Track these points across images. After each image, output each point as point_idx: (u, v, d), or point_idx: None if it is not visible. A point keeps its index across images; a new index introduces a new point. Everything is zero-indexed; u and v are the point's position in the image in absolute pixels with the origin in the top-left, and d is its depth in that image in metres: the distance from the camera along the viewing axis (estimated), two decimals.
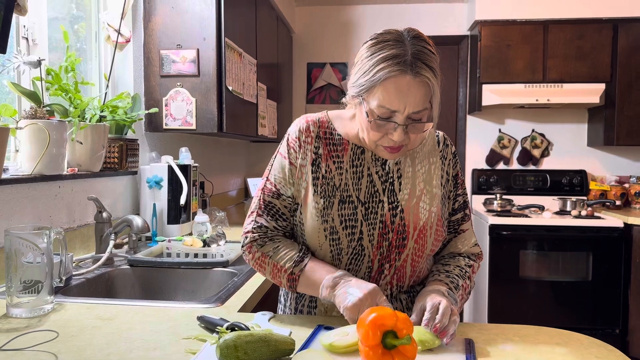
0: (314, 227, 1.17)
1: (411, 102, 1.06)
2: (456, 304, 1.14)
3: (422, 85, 1.06)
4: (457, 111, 4.29)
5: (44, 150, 1.65)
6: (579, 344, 1.07)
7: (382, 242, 1.17)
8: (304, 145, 1.21)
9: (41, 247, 1.22)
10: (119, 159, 2.15)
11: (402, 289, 1.22)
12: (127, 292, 1.77)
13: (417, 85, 1.06)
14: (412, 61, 1.05)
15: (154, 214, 2.23)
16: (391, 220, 1.17)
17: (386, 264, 1.18)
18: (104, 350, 1.00)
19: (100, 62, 2.35)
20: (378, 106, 1.08)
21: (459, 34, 4.21)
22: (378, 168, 1.20)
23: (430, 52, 1.08)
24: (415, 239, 1.18)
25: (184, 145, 2.66)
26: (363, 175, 1.19)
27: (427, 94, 1.08)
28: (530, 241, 3.55)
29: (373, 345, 0.88)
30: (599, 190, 4.03)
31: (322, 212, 1.17)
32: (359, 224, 1.17)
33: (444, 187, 1.24)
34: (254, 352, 0.92)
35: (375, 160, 1.21)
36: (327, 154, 1.20)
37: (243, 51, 2.70)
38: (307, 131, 1.22)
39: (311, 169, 1.20)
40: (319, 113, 1.27)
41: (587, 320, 3.51)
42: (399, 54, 1.05)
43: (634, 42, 3.74)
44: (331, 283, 1.11)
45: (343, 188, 1.18)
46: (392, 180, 1.20)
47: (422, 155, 1.24)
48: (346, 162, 1.20)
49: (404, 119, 1.08)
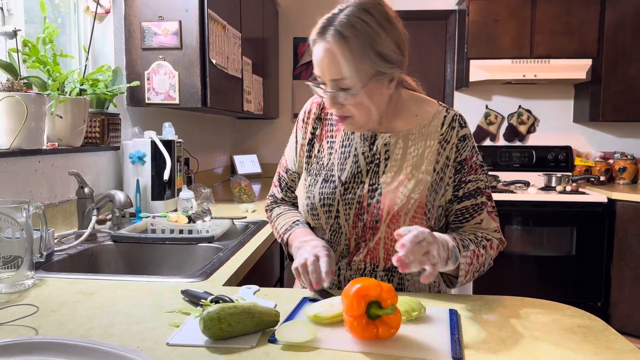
0: (301, 202, 1.27)
1: (325, 69, 1.07)
2: (455, 260, 1.07)
3: (329, 52, 1.05)
4: (445, 87, 4.27)
5: (21, 124, 1.61)
6: (562, 314, 1.08)
7: (357, 222, 1.18)
8: (304, 126, 1.27)
9: (20, 222, 1.19)
10: (101, 133, 2.10)
11: (378, 268, 1.20)
12: (110, 268, 1.75)
13: (327, 52, 1.05)
14: (328, 28, 1.05)
15: (137, 190, 2.20)
16: (368, 202, 1.17)
17: (362, 243, 1.19)
18: (86, 325, 0.99)
19: (80, 34, 2.29)
20: (314, 73, 1.12)
21: (447, 9, 4.17)
22: (365, 148, 1.20)
23: (356, 20, 1.04)
24: (388, 223, 1.15)
25: (168, 120, 2.62)
26: (350, 155, 1.20)
27: (337, 62, 1.05)
28: (516, 216, 3.58)
29: (357, 316, 0.88)
30: (583, 166, 4.06)
31: (307, 189, 1.23)
32: (335, 203, 1.18)
33: (438, 174, 1.16)
34: (237, 324, 0.91)
35: (364, 140, 1.20)
36: (324, 134, 1.25)
37: (227, 24, 2.64)
38: (309, 113, 1.28)
39: (306, 148, 1.26)
40: None
41: (570, 293, 3.58)
42: (324, 20, 1.07)
43: (621, 18, 3.74)
44: (297, 245, 1.19)
45: (329, 167, 1.21)
46: (378, 161, 1.18)
47: (418, 137, 1.18)
48: (337, 142, 1.23)
49: (328, 87, 1.09)
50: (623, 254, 3.48)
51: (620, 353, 0.89)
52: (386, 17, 1.07)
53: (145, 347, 0.89)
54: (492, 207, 1.21)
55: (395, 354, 0.86)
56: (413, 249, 0.96)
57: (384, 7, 1.08)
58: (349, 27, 1.04)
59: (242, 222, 2.17)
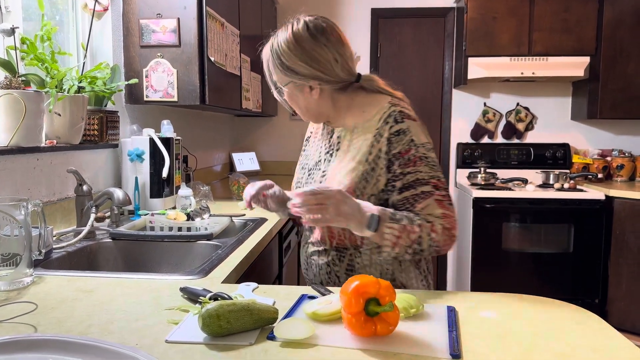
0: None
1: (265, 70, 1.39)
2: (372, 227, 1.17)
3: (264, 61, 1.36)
4: (443, 85, 4.27)
5: (20, 122, 1.60)
6: (560, 311, 1.08)
7: None
8: (308, 130, 1.56)
9: (18, 219, 1.19)
10: (99, 131, 2.10)
11: (327, 246, 1.36)
12: (109, 265, 1.75)
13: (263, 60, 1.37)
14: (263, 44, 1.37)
15: (136, 188, 2.20)
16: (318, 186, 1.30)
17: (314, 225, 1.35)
18: (85, 322, 0.99)
19: (78, 31, 2.28)
20: None
21: (446, 6, 4.17)
22: (326, 142, 1.42)
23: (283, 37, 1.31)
24: None
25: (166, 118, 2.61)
26: (316, 147, 1.45)
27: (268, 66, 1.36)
28: (513, 214, 3.59)
29: (356, 313, 0.88)
30: (581, 164, 4.07)
31: (294, 175, 1.51)
32: (302, 186, 1.43)
33: (370, 164, 1.27)
34: (236, 321, 0.91)
35: (327, 134, 1.42)
36: (313, 133, 1.51)
37: (225, 21, 2.64)
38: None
39: (303, 146, 1.54)
40: None
41: (568, 290, 3.59)
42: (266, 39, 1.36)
43: (619, 16, 3.74)
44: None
45: (304, 157, 1.49)
46: (332, 152, 1.38)
47: (361, 131, 1.32)
48: (317, 139, 1.47)
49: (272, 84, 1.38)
50: (620, 251, 3.49)
51: (617, 350, 0.89)
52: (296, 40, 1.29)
53: (144, 344, 0.89)
54: (442, 196, 1.25)
55: (393, 351, 0.87)
56: (306, 199, 1.14)
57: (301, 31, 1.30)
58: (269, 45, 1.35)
59: (240, 220, 2.17)
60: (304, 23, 1.30)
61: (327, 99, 1.34)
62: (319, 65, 1.28)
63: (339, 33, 1.33)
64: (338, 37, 1.32)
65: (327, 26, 1.31)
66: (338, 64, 1.30)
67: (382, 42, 4.25)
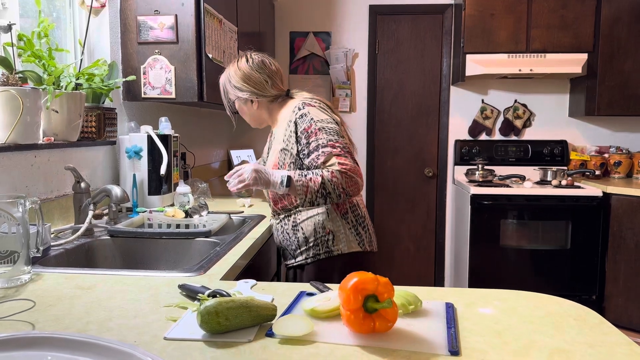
0: None
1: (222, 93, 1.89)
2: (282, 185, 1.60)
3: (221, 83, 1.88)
4: (441, 82, 4.27)
5: (17, 119, 1.60)
6: (558, 307, 1.08)
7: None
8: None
9: (16, 217, 1.19)
10: (97, 128, 2.10)
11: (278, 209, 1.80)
12: (107, 262, 1.75)
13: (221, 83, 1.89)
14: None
15: (134, 185, 2.20)
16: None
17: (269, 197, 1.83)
18: (83, 319, 0.99)
19: (75, 28, 2.27)
20: None
21: (443, 3, 4.17)
22: (270, 139, 1.90)
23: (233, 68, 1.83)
24: None
25: (164, 115, 2.61)
26: (267, 145, 1.93)
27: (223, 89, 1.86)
28: (511, 210, 3.60)
29: (354, 309, 0.89)
30: (579, 160, 4.08)
31: None
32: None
33: (285, 142, 1.73)
34: (235, 318, 0.91)
35: (270, 135, 1.90)
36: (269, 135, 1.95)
37: (223, 18, 2.63)
38: None
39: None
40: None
41: (565, 287, 3.60)
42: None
43: (617, 13, 3.74)
44: None
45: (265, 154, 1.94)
46: (270, 145, 1.88)
47: (282, 124, 1.79)
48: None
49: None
50: (618, 247, 3.50)
51: (614, 346, 0.90)
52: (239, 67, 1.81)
53: (142, 342, 0.89)
54: (340, 151, 1.64)
55: (392, 348, 0.87)
56: (232, 175, 1.63)
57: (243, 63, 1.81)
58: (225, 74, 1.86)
59: (239, 217, 2.17)
60: (246, 57, 1.81)
61: (264, 109, 1.84)
62: (255, 85, 1.79)
63: (272, 63, 1.83)
64: (269, 66, 1.81)
65: (263, 59, 1.81)
66: (268, 84, 1.80)
67: (380, 38, 4.24)
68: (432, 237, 4.37)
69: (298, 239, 1.75)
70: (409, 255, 4.40)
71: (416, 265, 4.40)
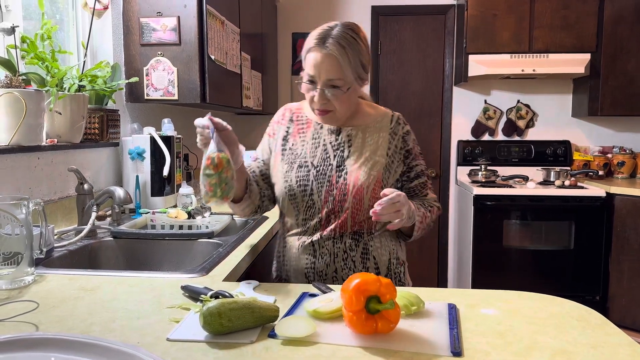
0: (279, 186, 1.48)
1: (323, 70, 1.35)
2: (413, 219, 1.38)
3: (330, 58, 1.34)
4: (444, 82, 4.26)
5: (20, 121, 1.61)
6: (560, 308, 1.08)
7: (328, 197, 1.43)
8: (278, 126, 1.56)
9: (20, 218, 1.19)
10: (100, 129, 2.10)
11: (346, 233, 1.45)
12: (110, 264, 1.75)
13: (327, 57, 1.34)
14: (327, 39, 1.34)
15: (137, 186, 2.21)
16: (336, 179, 1.43)
17: (332, 215, 1.44)
18: (86, 321, 0.99)
19: (78, 30, 2.28)
20: (306, 73, 1.39)
21: (446, 3, 4.16)
22: (332, 139, 1.49)
23: (348, 36, 1.36)
24: (354, 195, 1.41)
25: (167, 116, 2.61)
26: (319, 145, 1.49)
27: (337, 66, 1.35)
28: (514, 211, 3.59)
29: (357, 311, 0.89)
30: (582, 161, 4.07)
31: (284, 175, 1.47)
32: (310, 183, 1.45)
33: (390, 157, 1.47)
34: (237, 319, 0.92)
35: (331, 133, 1.49)
36: (296, 131, 1.52)
37: (225, 19, 2.64)
38: (282, 116, 1.57)
39: (281, 142, 1.52)
40: (298, 102, 1.59)
41: (569, 287, 3.59)
42: (321, 32, 1.37)
43: (620, 12, 3.73)
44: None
45: (302, 155, 1.48)
46: (343, 148, 1.47)
47: (373, 130, 1.49)
48: (308, 136, 1.50)
49: (320, 84, 1.37)
50: (621, 248, 3.49)
51: (618, 346, 0.89)
52: (365, 38, 1.41)
53: (145, 343, 0.89)
54: (431, 184, 1.58)
55: (394, 349, 0.87)
56: (387, 207, 1.26)
57: (362, 30, 1.42)
58: (344, 39, 1.35)
59: (241, 218, 2.17)
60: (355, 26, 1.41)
61: (356, 100, 1.50)
62: (368, 66, 1.43)
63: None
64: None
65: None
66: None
67: (383, 39, 4.24)
68: (434, 237, 4.36)
69: (367, 268, 1.47)
70: (412, 255, 4.39)
71: (419, 266, 4.40)
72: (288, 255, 1.50)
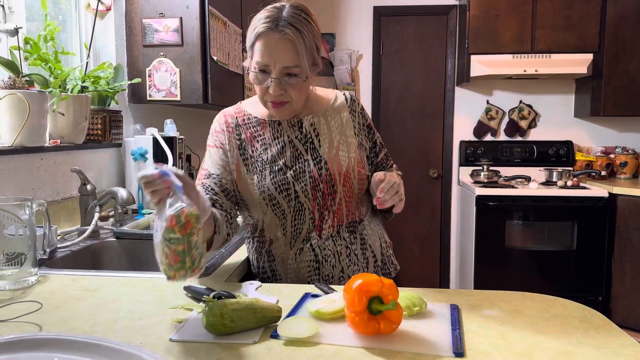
0: (253, 199, 1.33)
1: (279, 57, 1.21)
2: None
3: (286, 42, 1.21)
4: (446, 83, 4.26)
5: (24, 122, 1.61)
6: (563, 309, 1.08)
7: (315, 193, 1.33)
8: (226, 134, 1.38)
9: (23, 219, 1.20)
10: (103, 130, 2.11)
11: (342, 226, 1.36)
12: (113, 264, 1.76)
13: (283, 42, 1.20)
14: (279, 21, 1.20)
15: (139, 187, 2.21)
16: (318, 173, 1.33)
17: (325, 211, 1.34)
18: (89, 321, 1.00)
19: (81, 31, 2.29)
20: (256, 61, 1.24)
21: (448, 4, 4.16)
22: (297, 133, 1.36)
23: (301, 18, 1.22)
24: (343, 182, 1.34)
25: (169, 117, 2.62)
26: (285, 143, 1.35)
27: (294, 52, 1.22)
28: (517, 212, 3.59)
29: (359, 311, 0.89)
30: (584, 161, 4.06)
31: (257, 186, 1.32)
32: (291, 185, 1.32)
33: (358, 135, 1.40)
34: (240, 320, 0.92)
35: (292, 126, 1.36)
36: (250, 136, 1.37)
37: (228, 20, 2.64)
38: (226, 123, 1.39)
39: (238, 153, 1.36)
40: (233, 106, 1.44)
41: (571, 288, 3.58)
42: (270, 15, 1.22)
43: (622, 12, 3.73)
44: None
45: (270, 159, 1.33)
46: (311, 139, 1.36)
47: (333, 113, 1.40)
48: (267, 137, 1.36)
49: (276, 73, 1.23)
50: (624, 248, 3.48)
51: (621, 347, 0.89)
52: (315, 18, 1.28)
53: (148, 343, 0.89)
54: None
55: (396, 349, 0.87)
56: (389, 191, 1.20)
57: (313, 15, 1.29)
58: (299, 22, 1.22)
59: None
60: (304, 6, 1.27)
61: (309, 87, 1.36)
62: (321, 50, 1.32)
63: None
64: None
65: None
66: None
67: (385, 39, 4.24)
68: (437, 238, 4.36)
69: (367, 259, 1.39)
70: (414, 256, 4.39)
71: (421, 267, 4.39)
72: (281, 269, 1.36)
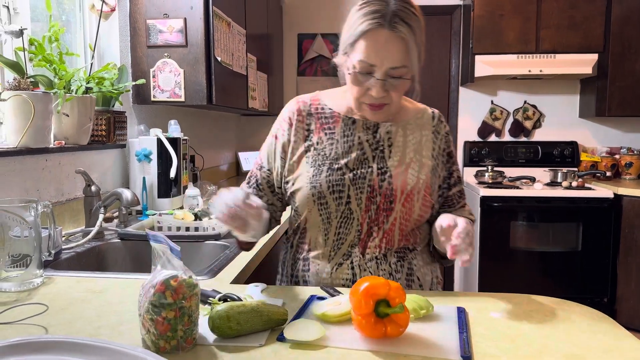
0: (303, 193, 1.24)
1: (388, 57, 1.12)
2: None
3: (398, 41, 1.11)
4: (450, 83, 4.25)
5: (28, 123, 1.61)
6: (570, 311, 1.07)
7: (370, 205, 1.22)
8: (295, 124, 1.29)
9: (28, 221, 1.20)
10: (107, 131, 2.11)
11: (392, 250, 1.25)
12: (118, 265, 1.76)
13: (394, 40, 1.10)
14: (390, 17, 1.10)
15: (143, 188, 2.21)
16: (379, 184, 1.22)
17: (374, 227, 1.23)
18: (94, 323, 0.99)
19: (85, 32, 2.29)
20: (359, 60, 1.13)
21: (452, 4, 4.15)
22: (369, 136, 1.25)
23: (410, 12, 1.12)
24: (403, 202, 1.22)
25: (173, 117, 2.62)
26: (354, 143, 1.25)
27: (404, 51, 1.12)
28: (521, 212, 3.57)
29: (366, 314, 0.88)
30: (589, 162, 4.05)
31: (310, 180, 1.23)
32: (346, 189, 1.22)
33: (435, 159, 1.28)
34: (246, 323, 0.91)
35: (367, 129, 1.26)
36: (319, 127, 1.27)
37: (232, 20, 2.64)
38: (297, 111, 1.30)
39: (303, 144, 1.27)
40: (310, 94, 1.34)
41: (576, 289, 3.57)
42: (378, 10, 1.11)
43: (627, 12, 3.71)
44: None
45: (333, 156, 1.24)
46: (382, 147, 1.25)
47: (414, 127, 1.28)
48: (337, 133, 1.26)
49: (382, 74, 1.13)
50: (629, 249, 3.46)
51: (628, 351, 0.89)
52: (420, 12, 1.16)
53: None
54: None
55: (403, 352, 0.86)
56: (464, 240, 1.06)
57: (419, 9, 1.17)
58: (409, 17, 1.11)
59: None
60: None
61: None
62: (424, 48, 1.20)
63: None
64: None
65: None
66: None
67: None
68: None
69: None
70: None
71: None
72: (314, 281, 1.26)
